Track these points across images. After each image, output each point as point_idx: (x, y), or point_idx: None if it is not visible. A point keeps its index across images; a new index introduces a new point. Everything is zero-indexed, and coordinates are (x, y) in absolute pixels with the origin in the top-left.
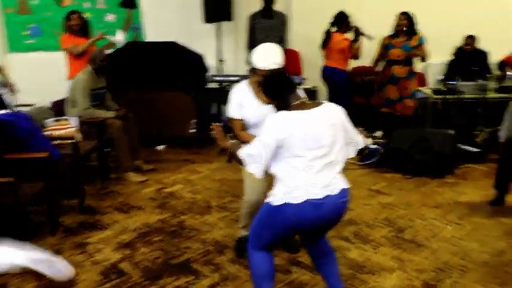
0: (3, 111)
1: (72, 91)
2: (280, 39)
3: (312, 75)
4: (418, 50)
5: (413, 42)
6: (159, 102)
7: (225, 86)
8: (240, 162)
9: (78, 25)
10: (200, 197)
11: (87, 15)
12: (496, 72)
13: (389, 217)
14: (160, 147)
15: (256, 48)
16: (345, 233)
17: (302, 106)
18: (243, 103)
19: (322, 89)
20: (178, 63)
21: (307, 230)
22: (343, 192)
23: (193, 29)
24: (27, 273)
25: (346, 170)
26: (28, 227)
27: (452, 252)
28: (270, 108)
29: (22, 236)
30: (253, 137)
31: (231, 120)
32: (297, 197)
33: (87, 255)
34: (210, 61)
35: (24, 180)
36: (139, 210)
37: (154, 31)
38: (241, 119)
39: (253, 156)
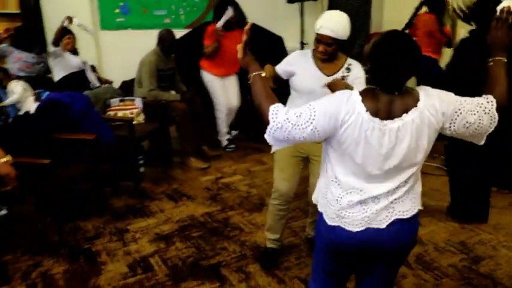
0: (58, 93)
1: (139, 72)
2: (364, 23)
3: None
4: None
5: None
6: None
7: None
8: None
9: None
10: (255, 192)
11: None
12: None
13: (466, 241)
14: (234, 133)
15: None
16: None
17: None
18: (297, 70)
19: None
20: (254, 45)
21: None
22: None
23: (275, 9)
24: (60, 255)
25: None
26: (72, 207)
27: None
28: (330, 79)
29: (68, 214)
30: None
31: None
32: None
33: (122, 243)
34: (291, 44)
35: (73, 161)
36: (190, 199)
37: None
38: (277, 73)
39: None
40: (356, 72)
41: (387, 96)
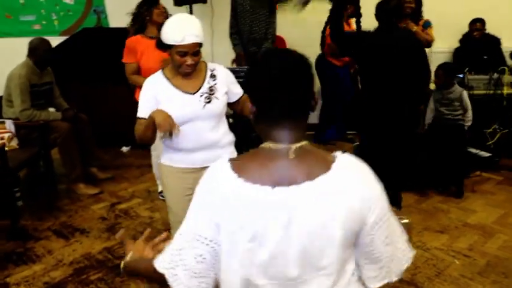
0: None
1: (7, 89)
2: (269, 25)
3: None
4: (424, 33)
5: (419, 28)
6: (125, 97)
7: None
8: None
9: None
10: (158, 216)
11: None
12: (510, 61)
13: None
14: (126, 149)
15: (166, 22)
16: None
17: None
18: (160, 98)
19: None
20: None
21: None
22: None
23: None
24: None
25: None
26: None
27: None
28: (198, 97)
29: None
30: None
31: (137, 120)
32: None
33: None
34: None
35: None
36: (83, 234)
37: (119, 15)
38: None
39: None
40: (224, 76)
41: (276, 160)
